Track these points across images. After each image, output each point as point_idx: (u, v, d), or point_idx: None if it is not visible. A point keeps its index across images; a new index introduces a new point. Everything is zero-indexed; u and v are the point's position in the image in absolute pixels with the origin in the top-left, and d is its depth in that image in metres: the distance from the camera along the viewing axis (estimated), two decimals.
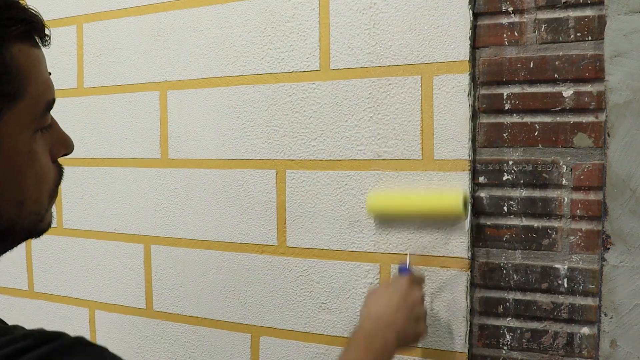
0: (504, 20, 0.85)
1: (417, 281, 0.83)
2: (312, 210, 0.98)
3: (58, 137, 0.56)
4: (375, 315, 0.76)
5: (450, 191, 0.87)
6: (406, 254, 0.88)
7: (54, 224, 1.26)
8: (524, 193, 0.85)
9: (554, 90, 0.83)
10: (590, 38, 0.80)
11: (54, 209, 0.63)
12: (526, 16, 0.84)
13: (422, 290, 0.83)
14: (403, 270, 0.87)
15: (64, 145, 0.57)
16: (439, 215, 0.88)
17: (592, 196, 0.81)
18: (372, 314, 0.77)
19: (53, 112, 0.56)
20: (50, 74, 0.55)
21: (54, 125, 0.55)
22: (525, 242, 0.85)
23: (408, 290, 0.79)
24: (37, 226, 0.55)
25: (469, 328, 0.88)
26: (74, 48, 1.22)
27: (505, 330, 0.87)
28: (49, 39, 0.55)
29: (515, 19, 0.85)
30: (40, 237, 0.57)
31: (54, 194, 0.56)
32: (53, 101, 0.54)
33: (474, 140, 0.88)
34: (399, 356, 0.92)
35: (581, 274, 0.82)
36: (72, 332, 0.52)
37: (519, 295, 0.86)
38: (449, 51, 0.87)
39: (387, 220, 0.93)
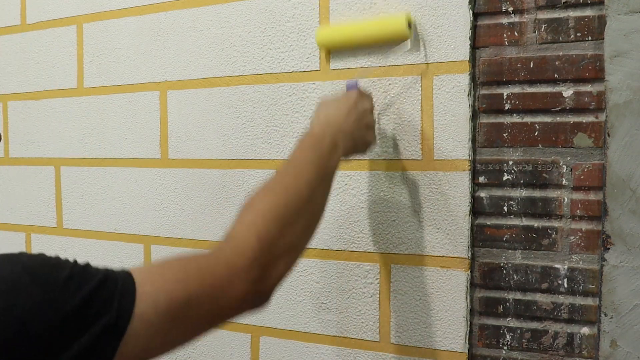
0: (504, 20, 0.85)
1: (366, 93, 0.84)
2: None
3: None
4: (325, 120, 0.76)
5: (396, 14, 0.88)
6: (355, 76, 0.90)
7: (54, 224, 1.27)
8: (524, 193, 0.85)
9: (554, 90, 0.83)
10: (590, 38, 0.80)
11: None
12: (526, 16, 0.84)
13: (371, 101, 0.84)
14: (351, 86, 0.86)
15: None
16: (385, 37, 0.89)
17: (592, 196, 0.81)
18: (322, 119, 0.77)
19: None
20: None
21: None
22: (525, 242, 0.85)
23: (358, 99, 0.80)
24: None
25: (469, 328, 0.88)
26: (74, 48, 1.22)
27: (505, 330, 0.87)
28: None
29: (515, 19, 0.85)
30: None
31: None
32: None
33: (474, 140, 0.88)
34: (398, 356, 0.93)
35: (581, 274, 0.82)
36: None
37: (519, 295, 0.86)
38: (449, 51, 0.87)
39: (337, 50, 0.94)
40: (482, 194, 0.88)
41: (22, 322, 0.45)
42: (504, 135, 0.86)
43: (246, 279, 0.57)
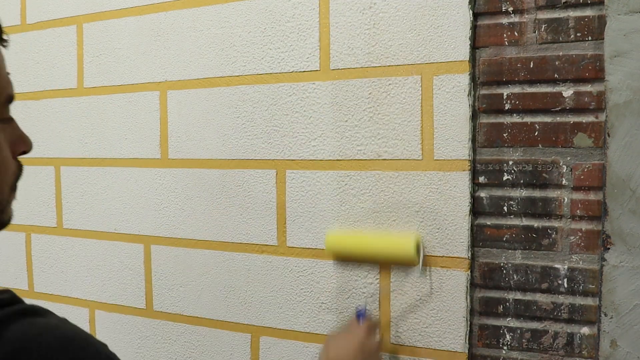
0: (504, 20, 0.85)
1: (373, 328, 0.86)
2: (312, 210, 0.98)
3: (18, 134, 0.58)
4: (334, 358, 0.79)
5: (404, 236, 0.90)
6: (363, 305, 0.93)
7: (54, 224, 1.27)
8: (524, 193, 0.85)
9: (554, 90, 0.83)
10: (590, 38, 0.80)
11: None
12: (526, 16, 0.84)
13: (378, 338, 0.86)
14: (361, 314, 0.89)
15: (24, 142, 0.58)
16: (394, 260, 0.91)
17: (592, 196, 0.81)
18: (331, 356, 0.80)
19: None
20: (9, 73, 0.58)
21: (13, 122, 0.58)
22: (525, 242, 0.85)
23: (365, 338, 0.83)
24: None
25: (469, 328, 0.88)
26: (74, 48, 1.22)
27: (505, 330, 0.87)
28: (7, 42, 0.59)
29: (515, 19, 0.85)
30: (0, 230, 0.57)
31: (14, 187, 0.57)
32: (12, 97, 0.58)
33: (474, 140, 0.88)
34: (398, 356, 0.93)
35: (581, 274, 0.82)
36: None
37: (519, 295, 0.86)
38: (449, 51, 0.87)
39: (346, 261, 0.96)
40: (482, 194, 0.88)
41: None
42: (504, 135, 0.86)
43: None
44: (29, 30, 1.27)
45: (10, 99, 0.57)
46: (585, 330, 0.82)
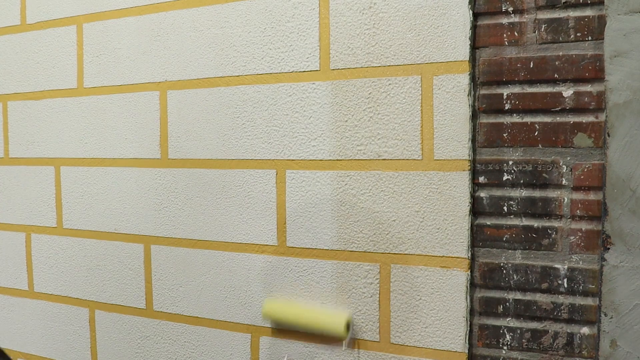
0: (504, 20, 0.85)
1: None
2: (312, 210, 0.98)
3: None
4: None
5: (337, 314, 0.95)
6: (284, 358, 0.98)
7: (54, 224, 1.27)
8: (524, 193, 0.85)
9: (554, 90, 0.83)
10: (590, 38, 0.80)
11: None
12: (526, 16, 0.84)
13: None
14: None
15: None
16: (324, 331, 0.96)
17: (592, 196, 0.81)
18: None
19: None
20: None
21: None
22: (525, 242, 0.85)
23: None
24: None
25: (469, 328, 0.88)
26: (74, 48, 1.22)
27: (505, 330, 0.87)
28: None
29: (515, 19, 0.85)
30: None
31: None
32: None
33: (474, 140, 0.88)
34: (398, 356, 0.93)
35: (581, 274, 0.82)
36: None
37: (519, 295, 0.86)
38: (449, 51, 0.87)
39: (281, 327, 1.00)
40: (482, 194, 0.88)
41: None
42: (504, 135, 0.86)
43: None
44: (29, 30, 1.27)
45: None
46: (585, 330, 0.82)
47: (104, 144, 1.19)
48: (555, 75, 0.83)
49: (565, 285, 0.83)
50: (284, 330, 1.01)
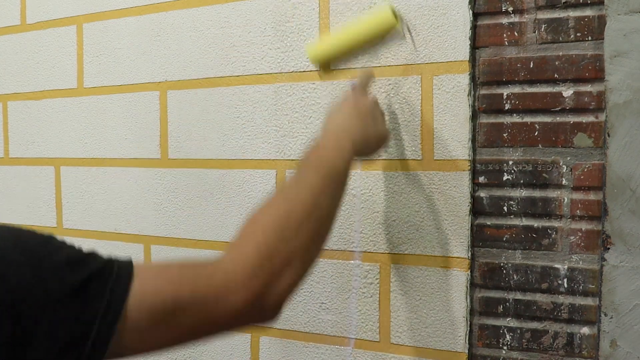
0: (504, 20, 0.85)
1: (365, 85, 0.83)
2: None
3: None
4: (326, 127, 0.75)
5: (378, 8, 0.88)
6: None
7: (54, 224, 1.27)
8: (524, 193, 0.85)
9: (554, 90, 0.83)
10: (590, 38, 0.80)
11: None
12: (526, 16, 0.84)
13: (369, 95, 0.83)
14: (353, 84, 0.86)
15: None
16: (376, 34, 0.89)
17: (592, 196, 0.81)
18: (324, 127, 0.76)
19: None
20: None
21: None
22: (525, 242, 0.85)
23: (357, 98, 0.79)
24: None
25: (469, 328, 0.88)
26: (74, 48, 1.22)
27: (505, 330, 0.87)
28: None
29: (515, 19, 0.85)
30: None
31: None
32: None
33: (474, 140, 0.88)
34: (398, 356, 0.93)
35: (581, 274, 0.82)
36: None
37: (519, 295, 0.86)
38: (449, 51, 0.87)
39: (334, 61, 0.93)
40: (482, 194, 0.88)
41: (7, 300, 0.45)
42: (504, 135, 0.86)
43: (244, 290, 0.55)
44: (29, 30, 1.27)
45: None
46: (585, 330, 0.82)
47: (104, 144, 1.19)
48: (555, 75, 0.83)
49: (565, 285, 0.83)
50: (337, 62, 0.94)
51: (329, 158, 0.69)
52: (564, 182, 0.83)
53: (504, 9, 0.85)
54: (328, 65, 0.94)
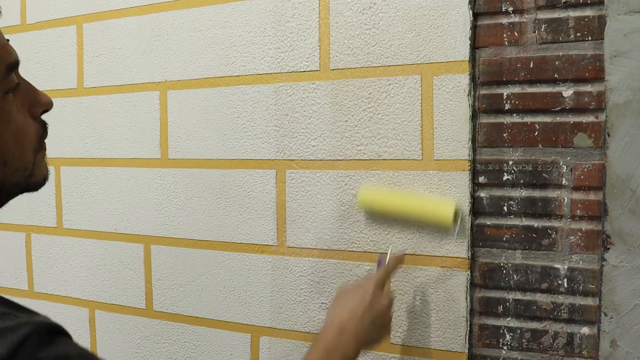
0: (504, 20, 0.85)
1: (384, 282, 0.81)
2: (312, 210, 0.98)
3: (34, 95, 0.59)
4: (339, 325, 0.76)
5: (443, 201, 0.87)
6: (387, 251, 0.87)
7: (54, 224, 1.27)
8: (524, 193, 0.85)
9: (554, 90, 0.83)
10: (590, 38, 0.80)
11: (51, 168, 0.66)
12: (526, 16, 0.84)
13: (389, 295, 0.81)
14: (380, 265, 0.85)
15: (41, 102, 0.60)
16: (429, 222, 0.88)
17: (592, 196, 0.81)
18: (336, 323, 0.76)
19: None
20: (8, 40, 0.60)
21: (25, 85, 0.59)
22: (525, 242, 0.85)
23: (375, 295, 0.78)
24: (28, 180, 0.58)
25: (469, 328, 0.88)
26: (74, 48, 1.22)
27: (505, 330, 0.87)
28: (0, 11, 0.61)
29: (515, 19, 0.85)
30: (39, 190, 0.60)
31: (39, 148, 0.60)
32: (15, 63, 0.58)
33: (474, 140, 0.88)
34: (398, 356, 0.92)
35: (581, 274, 0.82)
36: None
37: (519, 295, 0.86)
38: (449, 51, 0.87)
39: (376, 217, 0.93)
40: (482, 194, 0.88)
41: None
42: (504, 135, 0.86)
43: None
44: (29, 30, 1.27)
45: (11, 66, 0.57)
46: (585, 330, 0.82)
47: (104, 144, 1.19)
48: (555, 75, 0.83)
49: (565, 285, 0.83)
50: (380, 217, 0.93)
51: None
52: (564, 182, 0.83)
53: (504, 9, 0.85)
54: (371, 212, 0.94)
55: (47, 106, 0.60)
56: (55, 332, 0.49)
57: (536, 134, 0.84)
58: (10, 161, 0.55)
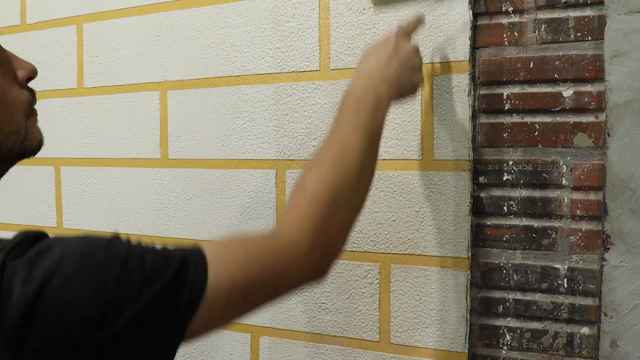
0: (504, 20, 0.85)
1: (409, 31, 0.79)
2: None
3: (17, 63, 0.61)
4: (366, 72, 0.73)
5: None
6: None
7: (54, 224, 1.26)
8: (524, 193, 0.85)
9: (554, 90, 0.83)
10: (590, 38, 0.80)
11: (47, 139, 0.72)
12: (526, 16, 0.84)
13: (411, 40, 0.79)
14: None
15: (26, 69, 0.62)
16: None
17: (592, 196, 0.81)
18: (363, 72, 0.73)
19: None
20: None
21: (9, 56, 0.60)
22: (525, 242, 0.85)
23: (397, 41, 0.75)
24: (24, 145, 0.63)
25: (469, 328, 0.88)
26: (74, 48, 1.22)
27: (505, 330, 0.87)
28: None
29: (515, 19, 0.85)
30: (35, 154, 0.65)
31: (30, 113, 0.63)
32: None
33: (474, 140, 0.88)
34: (398, 356, 0.93)
35: (581, 274, 0.82)
36: None
37: (519, 295, 0.86)
38: (449, 51, 0.87)
39: None
40: (482, 194, 0.88)
41: (110, 306, 0.47)
42: (504, 135, 0.86)
43: (305, 264, 0.60)
44: (29, 30, 1.27)
45: None
46: (585, 330, 0.82)
47: (104, 144, 1.19)
48: (555, 75, 0.83)
49: (565, 285, 0.83)
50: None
51: (370, 115, 0.69)
52: (564, 182, 0.83)
53: (504, 9, 0.85)
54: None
55: (32, 74, 0.62)
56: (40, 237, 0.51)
57: (536, 134, 0.84)
58: (2, 125, 0.58)
